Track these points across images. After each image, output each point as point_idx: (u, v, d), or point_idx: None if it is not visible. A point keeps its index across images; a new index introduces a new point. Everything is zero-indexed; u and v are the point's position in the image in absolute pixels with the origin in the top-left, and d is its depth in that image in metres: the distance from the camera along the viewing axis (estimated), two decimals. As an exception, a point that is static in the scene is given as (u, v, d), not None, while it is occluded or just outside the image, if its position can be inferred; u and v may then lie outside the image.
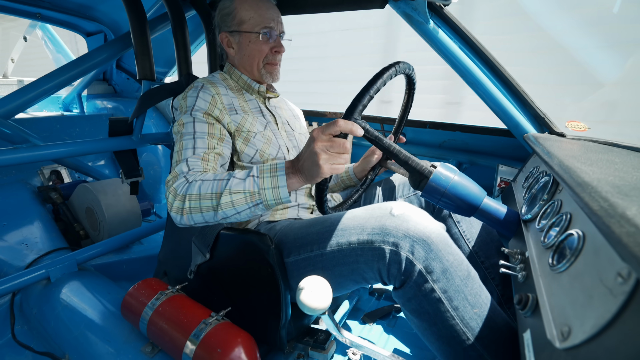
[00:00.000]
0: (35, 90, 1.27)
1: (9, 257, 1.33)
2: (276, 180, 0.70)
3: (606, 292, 0.34)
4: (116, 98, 2.40)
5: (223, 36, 1.02)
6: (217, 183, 0.73)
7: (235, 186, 0.72)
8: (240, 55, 1.02)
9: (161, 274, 1.16)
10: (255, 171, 0.72)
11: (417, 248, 0.69)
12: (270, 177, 0.70)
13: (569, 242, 0.48)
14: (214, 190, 0.72)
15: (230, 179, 0.73)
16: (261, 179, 0.71)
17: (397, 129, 1.09)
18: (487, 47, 1.14)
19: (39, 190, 1.70)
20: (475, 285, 0.72)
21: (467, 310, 0.69)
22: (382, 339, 1.08)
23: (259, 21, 0.97)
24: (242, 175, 0.73)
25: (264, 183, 0.70)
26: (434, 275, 0.69)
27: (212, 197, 0.72)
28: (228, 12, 1.00)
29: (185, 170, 0.80)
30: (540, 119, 1.15)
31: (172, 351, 0.83)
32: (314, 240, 0.81)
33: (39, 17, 1.76)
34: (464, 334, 0.69)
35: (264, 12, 0.98)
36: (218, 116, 0.92)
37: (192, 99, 0.92)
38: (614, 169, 0.58)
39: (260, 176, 0.71)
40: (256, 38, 0.98)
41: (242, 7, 0.98)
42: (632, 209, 0.35)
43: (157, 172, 2.33)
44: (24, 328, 1.13)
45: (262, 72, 1.03)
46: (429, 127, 1.64)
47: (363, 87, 0.73)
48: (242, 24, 0.98)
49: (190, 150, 0.84)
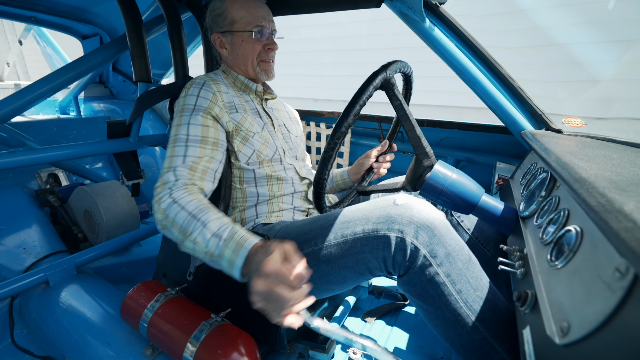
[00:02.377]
0: (31, 93, 1.26)
1: (7, 261, 1.33)
2: (235, 258, 0.66)
3: (605, 288, 0.34)
4: (113, 100, 2.40)
5: (215, 37, 1.02)
6: (189, 222, 0.71)
7: (200, 237, 0.69)
8: (233, 55, 1.02)
9: (160, 276, 1.16)
10: (227, 232, 0.69)
11: (421, 233, 0.71)
12: (232, 252, 0.67)
13: (567, 239, 0.48)
14: (184, 226, 0.71)
15: (201, 228, 0.70)
16: (225, 247, 0.67)
17: (392, 133, 1.10)
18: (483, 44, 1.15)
19: (36, 193, 1.69)
20: (476, 269, 0.74)
21: (469, 293, 0.71)
22: (383, 336, 1.08)
23: (250, 20, 0.98)
24: (214, 226, 0.70)
25: (225, 252, 0.67)
26: (437, 259, 0.71)
27: (181, 231, 0.72)
28: (219, 13, 1.00)
29: (172, 180, 0.80)
30: (537, 115, 1.15)
31: (172, 353, 0.82)
32: (317, 234, 0.82)
33: (34, 21, 1.75)
34: (467, 316, 0.70)
35: (254, 11, 0.99)
36: (217, 114, 0.92)
37: (193, 97, 0.92)
38: (611, 164, 0.59)
39: (225, 244, 0.68)
40: (248, 37, 0.99)
41: (232, 7, 0.98)
42: (629, 204, 0.35)
43: (155, 174, 2.33)
44: (23, 332, 1.12)
45: (257, 70, 1.03)
46: (426, 125, 1.64)
47: (364, 82, 0.73)
48: (234, 23, 0.98)
49: (180, 158, 0.84)
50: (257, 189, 1.00)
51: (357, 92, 0.72)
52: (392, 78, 0.74)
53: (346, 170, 1.20)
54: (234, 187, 1.01)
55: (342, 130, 0.71)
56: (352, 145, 1.98)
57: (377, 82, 0.72)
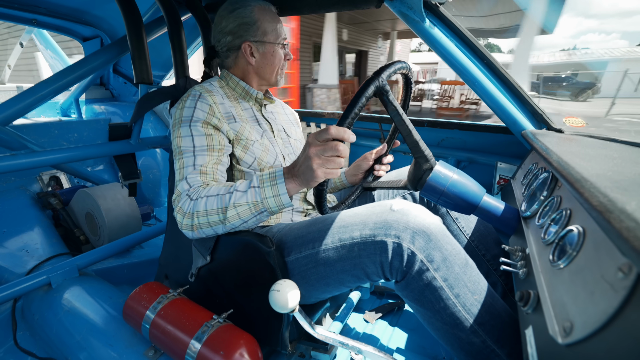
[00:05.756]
0: (32, 96, 1.26)
1: (10, 264, 1.33)
2: (276, 189, 0.74)
3: (607, 287, 0.34)
4: (114, 102, 2.40)
5: (246, 45, 1.02)
6: (221, 198, 0.77)
7: (238, 199, 0.76)
8: (262, 64, 1.05)
9: (162, 278, 1.16)
10: (255, 181, 0.76)
11: (418, 239, 0.71)
12: (271, 186, 0.74)
13: (569, 238, 0.48)
14: (219, 205, 0.77)
15: (234, 193, 0.77)
16: (262, 189, 0.75)
17: (391, 135, 1.09)
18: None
19: (38, 196, 1.70)
20: (473, 273, 0.74)
21: (467, 297, 0.71)
22: (385, 336, 1.08)
23: (279, 33, 1.06)
24: (243, 186, 0.77)
25: (265, 192, 0.74)
26: (434, 264, 0.71)
27: (219, 212, 0.77)
28: (250, 22, 1.01)
29: (187, 188, 0.83)
30: (538, 115, 1.15)
31: (174, 354, 0.82)
32: (315, 237, 0.82)
33: (35, 23, 1.76)
34: (466, 320, 0.71)
35: (280, 27, 1.07)
36: (217, 124, 0.93)
37: (190, 110, 0.92)
38: (612, 164, 0.59)
39: (261, 186, 0.75)
40: (278, 49, 1.06)
41: (264, 19, 1.02)
42: (631, 203, 0.35)
43: (156, 175, 2.33)
44: (26, 334, 1.13)
45: (278, 78, 1.10)
46: (426, 126, 1.64)
47: (357, 92, 0.72)
48: (266, 34, 1.03)
49: (190, 167, 0.87)
50: None
51: (352, 100, 0.70)
52: (385, 85, 0.72)
53: (343, 172, 1.21)
54: None
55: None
56: (352, 146, 1.98)
57: (370, 92, 0.70)
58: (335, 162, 0.68)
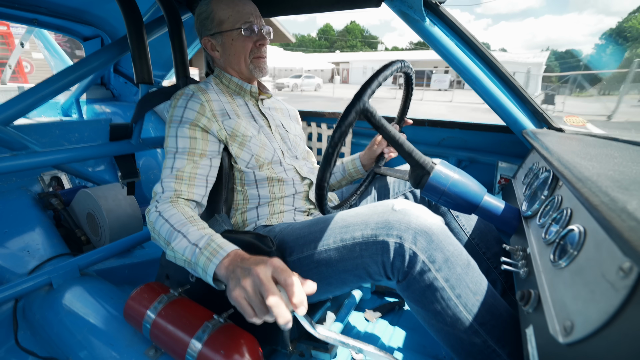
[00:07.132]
0: (33, 96, 1.26)
1: (11, 264, 1.33)
2: (208, 266, 0.68)
3: (608, 287, 0.34)
4: (114, 102, 2.40)
5: (206, 41, 1.02)
6: (171, 233, 0.77)
7: (179, 246, 0.74)
8: (226, 56, 1.02)
9: (163, 278, 1.16)
10: (203, 241, 0.72)
11: (420, 239, 0.71)
12: (206, 259, 0.69)
13: (570, 238, 0.48)
14: (167, 237, 0.78)
15: (181, 238, 0.75)
16: (200, 255, 0.71)
17: (400, 115, 1.09)
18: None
19: (39, 196, 1.70)
20: (475, 273, 0.74)
21: (469, 297, 0.71)
22: (386, 336, 1.08)
23: (237, 18, 0.98)
24: (193, 237, 0.74)
25: (199, 260, 0.70)
26: (436, 264, 0.71)
27: (164, 241, 0.79)
28: (206, 16, 1.00)
29: (159, 192, 0.86)
30: (539, 114, 1.15)
31: (175, 354, 0.82)
32: (317, 238, 0.82)
33: (36, 23, 1.76)
34: (467, 320, 0.70)
35: (241, 8, 0.98)
36: (205, 125, 0.93)
37: (180, 109, 0.93)
38: (613, 163, 0.58)
39: (201, 252, 0.71)
40: (238, 35, 0.98)
41: (218, 8, 0.98)
42: (632, 203, 0.35)
43: (157, 175, 2.33)
44: (27, 334, 1.13)
45: (250, 68, 1.03)
46: (427, 125, 1.64)
47: (338, 122, 0.71)
48: (222, 23, 0.98)
49: (168, 170, 0.89)
50: (258, 191, 1.00)
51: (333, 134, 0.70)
52: (368, 107, 0.70)
53: (358, 158, 1.19)
54: (236, 190, 1.01)
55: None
56: (353, 146, 1.98)
57: (352, 118, 0.69)
58: (254, 305, 0.58)
